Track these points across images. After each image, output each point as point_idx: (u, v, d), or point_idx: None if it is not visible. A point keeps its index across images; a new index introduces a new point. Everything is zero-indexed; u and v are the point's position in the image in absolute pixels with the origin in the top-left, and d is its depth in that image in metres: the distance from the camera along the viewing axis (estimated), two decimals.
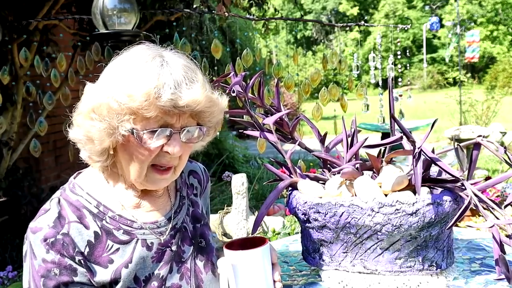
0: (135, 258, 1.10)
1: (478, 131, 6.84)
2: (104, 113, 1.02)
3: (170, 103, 0.99)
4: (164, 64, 1.03)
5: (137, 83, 0.99)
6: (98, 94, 1.04)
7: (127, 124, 1.01)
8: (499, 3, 31.39)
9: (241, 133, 9.83)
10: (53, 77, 3.29)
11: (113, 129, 1.02)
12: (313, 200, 1.16)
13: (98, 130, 1.04)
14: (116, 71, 1.04)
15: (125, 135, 1.03)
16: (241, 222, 2.98)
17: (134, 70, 1.02)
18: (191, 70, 1.06)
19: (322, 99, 2.92)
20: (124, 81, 1.01)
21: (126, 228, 1.11)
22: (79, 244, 1.06)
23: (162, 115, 1.01)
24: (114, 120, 1.01)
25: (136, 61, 1.03)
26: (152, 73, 1.00)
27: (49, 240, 1.04)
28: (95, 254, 1.07)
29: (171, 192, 1.23)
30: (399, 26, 3.93)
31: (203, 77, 1.09)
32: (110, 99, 1.01)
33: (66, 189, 1.14)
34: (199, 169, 1.35)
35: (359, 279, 1.15)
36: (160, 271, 1.12)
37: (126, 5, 2.93)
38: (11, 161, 3.96)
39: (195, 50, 3.21)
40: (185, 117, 1.05)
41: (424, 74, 29.98)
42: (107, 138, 1.04)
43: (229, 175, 3.86)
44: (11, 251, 3.69)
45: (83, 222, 1.08)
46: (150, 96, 0.98)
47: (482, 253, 1.34)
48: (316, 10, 36.44)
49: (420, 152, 1.06)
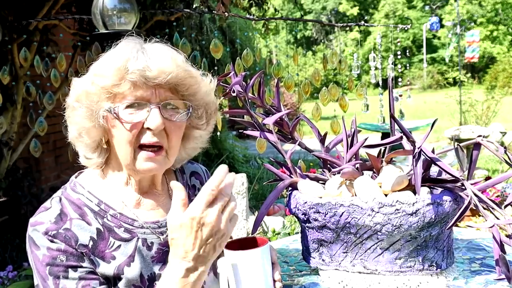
0: (137, 256, 1.10)
1: (478, 131, 6.83)
2: (84, 99, 1.06)
3: (139, 75, 1.02)
4: (137, 46, 1.07)
5: (108, 62, 1.04)
6: (79, 84, 1.08)
7: (105, 104, 1.05)
8: (499, 3, 31.39)
9: (241, 133, 9.84)
10: (53, 77, 3.29)
11: (93, 112, 1.06)
12: (313, 200, 1.16)
13: (81, 117, 1.07)
14: (97, 61, 1.09)
15: (106, 116, 1.06)
16: (241, 222, 2.98)
17: (109, 53, 1.07)
18: (168, 49, 1.08)
19: (322, 99, 2.92)
20: (98, 64, 1.06)
21: (127, 227, 1.11)
22: (81, 238, 1.05)
23: (137, 89, 1.04)
24: (93, 103, 1.05)
25: (114, 48, 1.08)
26: (123, 52, 1.05)
27: (51, 232, 1.03)
28: (99, 249, 1.07)
29: (172, 192, 1.23)
30: (399, 26, 3.92)
31: (184, 56, 1.11)
32: (87, 84, 1.05)
33: (67, 188, 1.14)
34: (201, 170, 1.35)
35: (359, 279, 1.15)
36: (160, 272, 1.12)
37: (126, 5, 2.92)
38: (11, 161, 3.95)
39: (195, 50, 3.21)
40: (162, 92, 1.06)
41: (424, 74, 29.99)
42: (90, 124, 1.06)
43: None
44: (11, 251, 3.70)
45: (84, 219, 1.08)
46: (120, 70, 1.02)
47: (482, 253, 1.34)
48: (316, 10, 36.45)
49: (420, 152, 1.06)
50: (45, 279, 1.02)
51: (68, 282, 1.01)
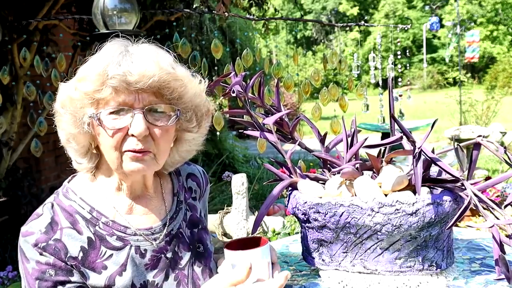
0: (129, 265, 1.08)
1: (478, 131, 6.83)
2: (68, 105, 1.04)
3: (120, 80, 0.99)
4: (121, 48, 1.04)
5: (90, 67, 1.02)
6: (64, 89, 1.06)
7: (88, 110, 1.03)
8: (499, 3, 31.39)
9: (241, 133, 9.84)
10: (53, 77, 3.29)
11: (77, 119, 1.04)
12: (313, 200, 1.16)
13: (67, 123, 1.06)
14: (82, 65, 1.07)
15: (89, 123, 1.04)
16: (241, 222, 2.98)
17: (93, 57, 1.04)
18: (153, 51, 1.05)
19: (322, 99, 2.92)
20: (81, 69, 1.04)
21: (120, 234, 1.10)
22: (71, 249, 1.04)
23: (119, 94, 1.01)
24: (76, 109, 1.03)
25: (99, 51, 1.05)
26: (106, 56, 1.02)
27: (40, 244, 1.02)
28: (89, 260, 1.05)
29: (167, 196, 1.21)
30: (399, 26, 3.92)
31: (171, 57, 1.08)
32: (71, 90, 1.03)
33: (59, 194, 1.13)
34: (198, 172, 1.33)
35: (359, 279, 1.15)
36: (155, 279, 1.11)
37: (126, 5, 2.92)
38: (11, 161, 3.95)
39: (195, 50, 3.21)
40: (145, 96, 1.02)
41: (424, 74, 29.99)
42: (75, 130, 1.05)
43: (229, 175, 3.86)
44: (11, 251, 3.69)
45: (76, 227, 1.07)
46: (102, 76, 1.00)
47: (482, 253, 1.34)
48: (316, 10, 36.45)
49: (420, 152, 1.06)
50: None
51: None
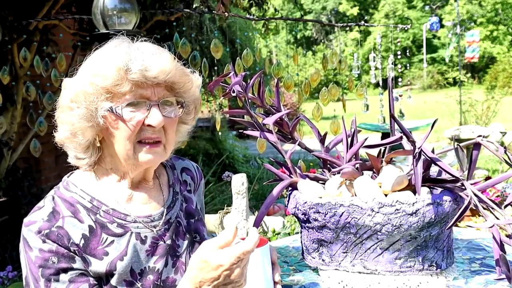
0: (130, 251, 1.12)
1: (478, 131, 6.83)
2: (82, 99, 1.07)
3: (140, 74, 1.05)
4: (131, 45, 1.10)
5: (107, 62, 1.06)
6: (73, 84, 1.09)
7: (105, 104, 1.07)
8: (499, 3, 31.39)
9: (241, 133, 9.84)
10: (53, 77, 3.29)
11: (92, 112, 1.07)
12: (313, 200, 1.16)
13: (79, 117, 1.08)
14: (89, 60, 1.11)
15: (105, 116, 1.07)
16: (241, 222, 2.98)
17: (104, 53, 1.09)
18: (160, 48, 1.13)
19: (322, 99, 2.92)
20: (96, 65, 1.08)
21: (120, 222, 1.13)
22: (73, 236, 1.08)
23: (137, 88, 1.07)
24: (92, 104, 1.06)
25: (106, 48, 1.10)
26: (120, 52, 1.07)
27: (43, 231, 1.05)
28: (90, 247, 1.09)
29: (164, 187, 1.25)
30: (399, 26, 3.92)
31: (172, 54, 1.15)
32: (85, 85, 1.07)
33: (60, 187, 1.17)
34: (192, 166, 1.38)
35: (359, 279, 1.15)
36: (155, 265, 1.14)
37: (126, 5, 2.92)
38: (11, 161, 3.96)
39: (195, 50, 3.20)
40: (160, 90, 1.10)
41: (424, 74, 29.98)
42: (88, 124, 1.08)
43: (229, 175, 3.86)
44: (11, 251, 3.69)
45: (77, 216, 1.10)
46: (121, 71, 1.04)
47: (482, 253, 1.34)
48: (316, 10, 36.45)
49: (420, 152, 1.06)
50: (37, 280, 1.05)
51: (59, 285, 1.05)
